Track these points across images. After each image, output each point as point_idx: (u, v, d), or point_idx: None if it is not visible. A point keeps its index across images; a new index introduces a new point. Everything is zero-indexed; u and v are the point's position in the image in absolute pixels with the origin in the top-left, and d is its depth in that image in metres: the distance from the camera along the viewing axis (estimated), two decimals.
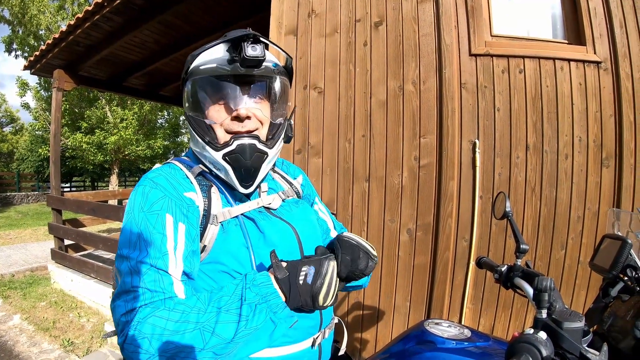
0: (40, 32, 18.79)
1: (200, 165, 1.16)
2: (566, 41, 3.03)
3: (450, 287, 2.96)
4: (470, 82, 2.90)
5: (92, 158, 19.63)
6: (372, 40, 3.02)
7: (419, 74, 2.92)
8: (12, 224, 12.76)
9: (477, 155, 2.86)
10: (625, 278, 1.12)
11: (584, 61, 2.89)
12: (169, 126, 22.86)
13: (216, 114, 1.10)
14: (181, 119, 24.60)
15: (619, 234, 1.24)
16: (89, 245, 6.76)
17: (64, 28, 5.64)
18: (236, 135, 1.09)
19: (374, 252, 1.06)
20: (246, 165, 1.09)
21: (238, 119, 1.08)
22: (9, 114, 34.02)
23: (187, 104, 1.14)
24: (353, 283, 1.23)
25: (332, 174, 3.08)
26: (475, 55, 2.90)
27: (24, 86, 19.01)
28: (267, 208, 1.20)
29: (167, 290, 0.91)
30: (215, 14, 5.31)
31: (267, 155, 1.13)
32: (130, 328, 0.85)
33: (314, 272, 0.95)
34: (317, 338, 1.18)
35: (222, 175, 1.13)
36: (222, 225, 1.09)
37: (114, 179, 20.96)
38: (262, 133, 1.15)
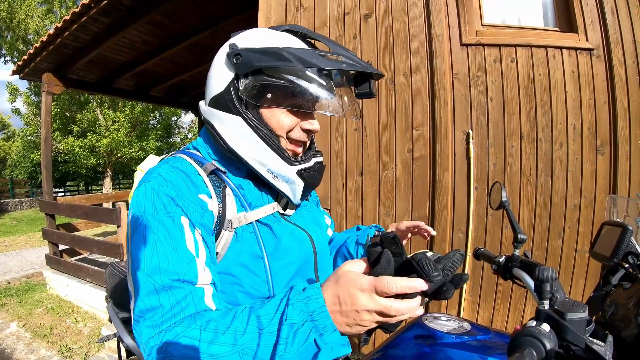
0: (29, 37, 18.71)
1: (214, 162, 1.04)
2: (558, 29, 3.01)
3: None
4: (462, 72, 2.88)
5: (84, 162, 19.60)
6: (362, 32, 2.99)
7: (410, 65, 2.90)
8: (7, 231, 12.65)
9: (471, 146, 2.84)
10: (627, 265, 1.09)
11: (576, 48, 2.88)
12: (160, 127, 22.82)
13: (287, 119, 1.00)
14: (173, 119, 24.53)
15: (619, 220, 1.22)
16: (84, 250, 6.70)
17: (51, 31, 5.59)
18: (312, 152, 1.08)
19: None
20: (318, 183, 1.09)
21: (307, 131, 1.04)
22: (0, 120, 33.83)
23: (252, 98, 0.98)
24: None
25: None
26: (467, 45, 2.88)
27: (14, 92, 18.93)
28: (282, 214, 1.12)
29: (198, 304, 0.81)
30: (204, 12, 5.27)
31: None
32: (158, 352, 0.75)
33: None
34: None
35: (277, 185, 1.03)
36: (235, 232, 0.99)
37: (107, 181, 20.91)
38: None
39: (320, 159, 1.08)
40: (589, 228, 2.91)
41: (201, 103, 1.09)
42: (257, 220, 1.03)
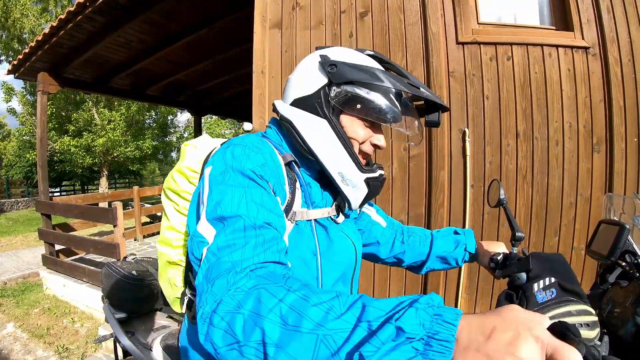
0: (24, 36, 18.57)
1: (292, 154, 1.08)
2: (553, 27, 3.01)
3: (445, 278, 2.94)
4: (458, 70, 2.88)
5: (80, 161, 19.47)
6: (358, 31, 2.98)
7: (406, 63, 2.89)
8: (3, 231, 12.60)
9: (467, 144, 2.84)
10: (624, 264, 1.09)
11: (572, 47, 2.88)
12: (157, 126, 22.69)
13: (363, 131, 1.07)
14: (169, 118, 24.44)
15: (616, 218, 1.22)
16: (80, 250, 6.67)
17: (47, 30, 5.56)
18: (375, 164, 1.14)
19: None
20: (378, 193, 1.14)
21: (375, 146, 1.10)
22: None
23: (341, 105, 1.04)
24: None
25: None
26: (463, 44, 2.88)
27: (9, 91, 18.81)
28: (333, 220, 1.17)
29: (282, 253, 0.78)
30: (199, 11, 5.25)
31: None
32: (227, 296, 0.65)
33: None
34: None
35: (343, 189, 1.08)
36: (297, 224, 1.04)
37: (103, 181, 20.79)
38: None
39: (383, 171, 1.14)
40: (585, 226, 2.92)
41: (278, 102, 1.15)
42: (315, 220, 1.09)
